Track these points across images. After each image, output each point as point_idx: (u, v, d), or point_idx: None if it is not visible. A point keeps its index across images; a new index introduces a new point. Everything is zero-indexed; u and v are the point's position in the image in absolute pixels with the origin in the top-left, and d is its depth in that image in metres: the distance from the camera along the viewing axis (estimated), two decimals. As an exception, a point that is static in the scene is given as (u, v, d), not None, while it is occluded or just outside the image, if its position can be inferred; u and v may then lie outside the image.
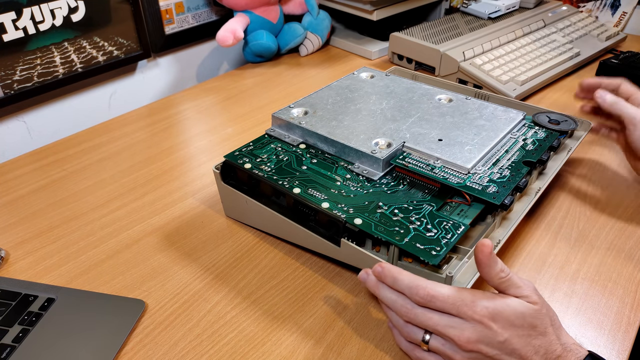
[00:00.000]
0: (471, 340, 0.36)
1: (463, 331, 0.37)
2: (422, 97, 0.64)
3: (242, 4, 0.92)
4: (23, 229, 0.58)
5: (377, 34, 1.05)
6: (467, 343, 0.36)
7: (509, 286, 0.38)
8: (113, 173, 0.68)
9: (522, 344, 0.36)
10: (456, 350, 0.38)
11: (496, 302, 0.37)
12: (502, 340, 0.36)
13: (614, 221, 0.58)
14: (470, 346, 0.36)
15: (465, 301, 0.37)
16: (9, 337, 0.44)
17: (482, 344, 0.36)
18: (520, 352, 0.36)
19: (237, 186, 0.55)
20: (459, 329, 0.37)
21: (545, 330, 0.37)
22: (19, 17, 0.71)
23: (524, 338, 0.37)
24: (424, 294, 0.38)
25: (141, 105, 0.88)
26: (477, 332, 0.37)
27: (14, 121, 0.78)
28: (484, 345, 0.36)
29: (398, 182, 0.52)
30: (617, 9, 1.08)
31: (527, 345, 0.36)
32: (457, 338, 0.37)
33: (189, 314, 0.48)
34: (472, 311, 0.37)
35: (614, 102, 0.58)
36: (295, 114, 0.59)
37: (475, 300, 0.37)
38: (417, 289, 0.38)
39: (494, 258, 0.38)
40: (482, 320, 0.36)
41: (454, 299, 0.37)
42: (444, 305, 0.38)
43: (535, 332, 0.37)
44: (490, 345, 0.36)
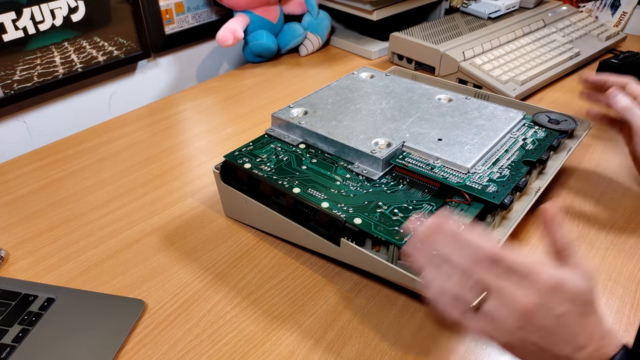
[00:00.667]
0: (533, 302, 0.33)
1: (527, 293, 0.33)
2: (422, 97, 0.64)
3: (242, 4, 0.92)
4: (23, 229, 0.58)
5: (377, 34, 1.05)
6: (528, 304, 0.33)
7: (567, 257, 0.35)
8: (113, 173, 0.68)
9: (575, 322, 0.34)
10: (509, 315, 0.34)
11: (563, 272, 0.34)
12: (558, 313, 0.33)
13: (614, 221, 0.58)
14: (530, 308, 0.33)
15: (534, 265, 0.34)
16: (9, 337, 0.44)
17: (541, 311, 0.33)
18: (572, 328, 0.34)
19: (237, 186, 0.55)
20: (523, 290, 0.34)
21: (595, 307, 0.35)
22: (19, 17, 0.71)
23: (579, 316, 0.34)
24: (492, 252, 0.35)
25: (141, 105, 0.88)
26: (540, 296, 0.33)
27: (14, 121, 0.78)
28: (541, 314, 0.33)
29: (398, 181, 0.52)
30: (617, 9, 1.08)
31: (580, 321, 0.34)
32: (519, 299, 0.33)
33: (188, 314, 0.48)
34: (539, 276, 0.34)
35: (628, 107, 0.56)
36: (295, 114, 0.59)
37: (543, 266, 0.34)
38: (485, 245, 0.35)
39: (557, 222, 0.36)
40: (548, 287, 0.33)
41: (523, 262, 0.34)
42: (512, 266, 0.34)
43: (591, 309, 0.34)
44: (546, 316, 0.33)
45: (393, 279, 0.45)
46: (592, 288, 0.35)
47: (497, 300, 0.34)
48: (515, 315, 0.34)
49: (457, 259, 0.36)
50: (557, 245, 0.36)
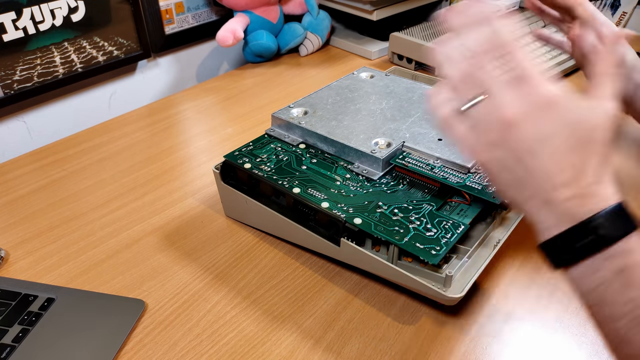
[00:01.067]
0: (517, 112, 0.30)
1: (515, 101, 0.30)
2: (422, 97, 0.64)
3: (242, 4, 0.92)
4: (23, 229, 0.58)
5: (377, 34, 1.05)
6: (512, 114, 0.29)
7: (597, 84, 0.31)
8: (113, 173, 0.68)
9: (561, 150, 0.29)
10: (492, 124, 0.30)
11: (569, 94, 0.30)
12: (543, 133, 0.29)
13: (614, 221, 0.58)
14: (512, 118, 0.30)
15: (539, 75, 0.30)
16: (9, 337, 0.44)
17: (524, 125, 0.30)
18: (555, 157, 0.29)
19: (237, 186, 0.55)
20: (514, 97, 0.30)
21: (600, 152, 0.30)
22: (19, 17, 0.71)
23: (568, 146, 0.29)
24: (506, 42, 0.31)
25: (141, 105, 0.88)
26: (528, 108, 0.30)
27: (14, 121, 0.78)
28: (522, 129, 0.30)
29: (398, 181, 0.52)
30: (617, 9, 1.08)
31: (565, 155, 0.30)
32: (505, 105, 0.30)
33: (188, 314, 0.48)
34: (537, 88, 0.30)
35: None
36: (295, 114, 0.59)
37: (548, 80, 0.30)
38: (504, 35, 0.32)
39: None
40: (542, 101, 0.30)
41: (529, 67, 0.30)
42: (517, 66, 0.30)
43: (590, 146, 0.29)
44: (527, 133, 0.29)
45: (393, 279, 0.45)
46: (602, 126, 0.29)
47: (486, 103, 0.31)
48: (497, 124, 0.30)
49: (473, 41, 0.32)
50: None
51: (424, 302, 0.48)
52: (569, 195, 0.29)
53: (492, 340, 0.45)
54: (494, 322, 0.46)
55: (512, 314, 0.47)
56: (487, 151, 0.31)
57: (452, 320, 0.47)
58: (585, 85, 0.32)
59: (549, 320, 0.47)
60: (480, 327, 0.46)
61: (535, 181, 0.30)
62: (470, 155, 0.32)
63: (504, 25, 0.32)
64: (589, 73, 0.43)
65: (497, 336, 0.45)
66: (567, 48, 0.62)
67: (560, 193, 0.29)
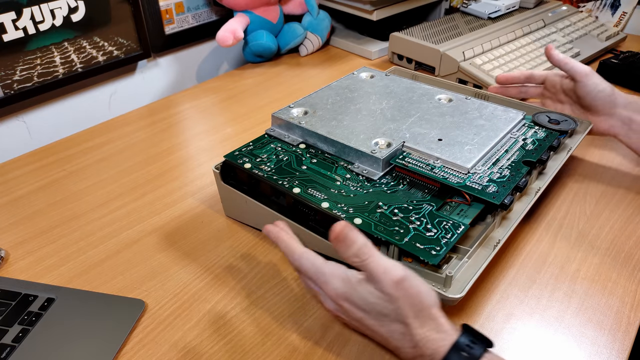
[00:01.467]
0: (331, 308, 0.42)
1: (325, 299, 0.42)
2: (422, 97, 0.64)
3: (242, 4, 0.92)
4: (23, 229, 0.58)
5: (377, 34, 1.05)
6: (330, 310, 0.42)
7: (365, 271, 0.39)
8: (113, 173, 0.68)
9: (376, 325, 0.39)
10: (333, 305, 0.42)
11: (345, 286, 0.40)
12: (355, 317, 0.40)
13: (614, 221, 0.58)
14: (334, 312, 0.42)
15: (321, 279, 0.41)
16: (9, 337, 0.44)
17: (341, 313, 0.41)
18: (377, 330, 0.39)
19: (237, 186, 0.55)
20: (322, 295, 0.42)
21: (403, 321, 0.37)
22: (19, 17, 0.71)
23: (376, 321, 0.39)
24: (294, 264, 0.43)
25: (141, 105, 0.88)
26: (333, 304, 0.41)
27: (14, 121, 0.78)
28: (344, 315, 0.41)
29: (398, 182, 0.52)
30: (617, 9, 1.08)
31: (381, 327, 0.39)
32: (322, 298, 0.42)
33: (189, 314, 0.48)
34: (326, 289, 0.41)
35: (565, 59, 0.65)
36: (295, 114, 0.59)
37: (327, 282, 0.40)
38: (291, 255, 0.43)
39: (348, 241, 0.38)
40: (334, 299, 0.40)
41: (313, 275, 0.41)
42: (308, 276, 0.42)
43: (388, 319, 0.38)
44: (348, 316, 0.41)
45: (393, 279, 0.45)
46: (385, 302, 0.38)
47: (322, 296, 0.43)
48: (334, 305, 0.41)
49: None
50: (350, 262, 0.40)
51: (424, 302, 0.48)
52: (407, 355, 0.38)
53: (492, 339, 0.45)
54: (494, 322, 0.46)
55: (512, 314, 0.47)
56: (348, 321, 0.42)
57: (452, 320, 0.46)
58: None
59: (549, 320, 0.47)
60: (480, 327, 0.46)
61: (384, 344, 0.41)
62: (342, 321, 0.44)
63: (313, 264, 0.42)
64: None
65: (497, 336, 0.45)
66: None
67: (400, 353, 0.39)
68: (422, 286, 0.38)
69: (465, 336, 0.37)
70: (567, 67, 0.65)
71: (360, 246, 0.38)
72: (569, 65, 0.64)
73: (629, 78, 0.87)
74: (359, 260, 0.38)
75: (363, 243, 0.38)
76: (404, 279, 0.37)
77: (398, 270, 0.37)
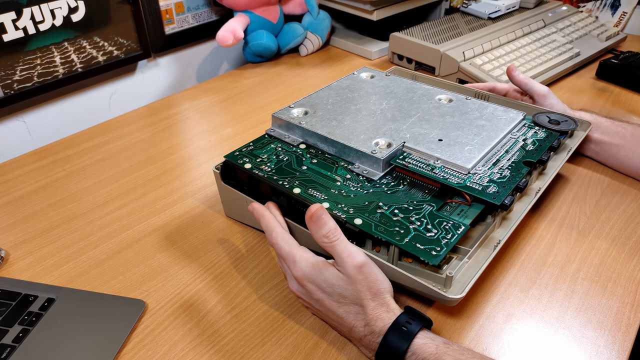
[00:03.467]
0: (294, 289, 0.46)
1: (290, 280, 0.46)
2: (422, 97, 0.64)
3: (242, 4, 0.92)
4: (23, 229, 0.58)
5: (377, 34, 1.05)
6: (293, 290, 0.46)
7: (331, 252, 0.43)
8: (113, 173, 0.68)
9: (334, 306, 0.43)
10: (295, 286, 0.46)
11: (311, 269, 0.43)
12: (316, 298, 0.44)
13: (614, 221, 0.58)
14: (296, 293, 0.46)
15: (291, 259, 0.44)
16: (9, 337, 0.44)
17: (302, 294, 0.45)
18: (334, 310, 0.43)
19: (237, 186, 0.55)
20: (289, 275, 0.46)
21: (359, 302, 0.41)
22: (19, 17, 0.71)
23: (335, 302, 0.43)
24: (270, 241, 0.46)
25: (141, 105, 0.88)
26: (296, 285, 0.45)
27: (14, 121, 0.78)
28: (305, 296, 0.45)
29: (398, 182, 0.52)
30: (617, 9, 1.08)
31: (339, 308, 0.42)
32: (289, 278, 0.47)
33: (189, 314, 0.48)
34: (293, 269, 0.44)
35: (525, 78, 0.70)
36: (295, 114, 0.59)
37: (296, 262, 0.44)
38: (269, 233, 0.47)
39: (320, 222, 0.43)
40: (299, 280, 0.44)
41: (285, 254, 0.45)
42: (280, 255, 0.46)
43: (346, 301, 0.42)
44: (309, 297, 0.44)
45: (393, 279, 0.45)
46: (346, 283, 0.42)
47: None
48: (297, 286, 0.45)
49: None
50: (319, 243, 0.44)
51: (424, 302, 0.48)
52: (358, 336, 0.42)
53: (492, 340, 0.45)
54: (494, 323, 0.46)
55: (512, 314, 0.47)
56: (307, 302, 0.46)
57: (452, 321, 0.47)
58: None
59: (549, 320, 0.47)
60: (480, 327, 0.46)
61: (339, 326, 0.44)
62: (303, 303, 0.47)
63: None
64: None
65: (497, 336, 0.45)
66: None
67: (353, 334, 0.43)
68: (379, 275, 0.42)
69: (404, 315, 0.41)
70: (526, 87, 0.70)
71: (331, 228, 0.43)
72: (529, 85, 0.69)
73: (629, 78, 0.87)
74: (328, 240, 0.42)
75: (333, 226, 0.43)
76: (365, 264, 0.42)
77: (360, 256, 0.42)
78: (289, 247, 0.45)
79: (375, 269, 0.42)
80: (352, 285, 0.41)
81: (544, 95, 0.68)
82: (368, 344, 0.41)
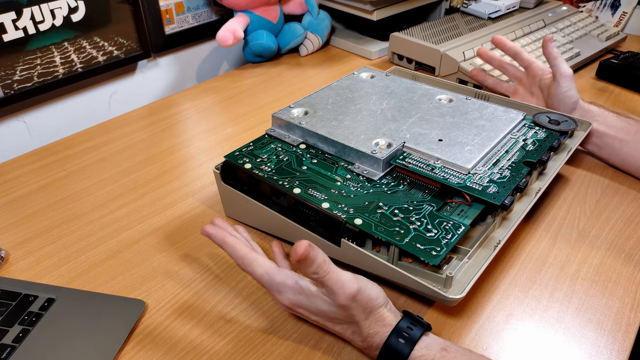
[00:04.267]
0: (285, 308, 0.44)
1: (280, 305, 0.44)
2: (422, 97, 0.64)
3: (242, 4, 0.92)
4: (23, 229, 0.58)
5: (377, 34, 1.05)
6: (285, 309, 0.45)
7: (323, 286, 0.41)
8: (113, 173, 0.68)
9: (329, 325, 0.43)
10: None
11: (299, 296, 0.42)
12: (312, 320, 0.43)
13: (614, 221, 0.58)
14: (289, 312, 0.46)
15: (274, 288, 0.43)
16: (9, 337, 0.44)
17: (297, 314, 0.44)
18: (331, 328, 0.43)
19: (237, 186, 0.55)
20: (279, 301, 0.44)
21: (354, 322, 0.41)
22: (19, 17, 0.71)
23: (330, 322, 0.42)
24: (246, 270, 0.44)
25: (141, 105, 0.87)
26: (289, 310, 0.44)
27: (14, 121, 0.78)
28: (300, 315, 0.44)
29: (398, 182, 0.52)
30: (617, 9, 1.08)
31: (335, 326, 0.42)
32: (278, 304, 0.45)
33: (189, 314, 0.48)
34: (280, 299, 0.43)
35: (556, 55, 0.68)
36: (295, 114, 0.59)
37: (280, 292, 0.43)
38: (241, 261, 0.44)
39: (307, 262, 0.39)
40: (289, 308, 0.43)
41: (267, 285, 0.43)
42: (261, 283, 0.44)
43: (340, 322, 0.42)
44: (304, 317, 0.44)
45: (393, 279, 0.45)
46: (339, 310, 0.41)
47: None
48: (289, 309, 0.44)
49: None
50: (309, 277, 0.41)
51: (424, 302, 0.48)
52: (360, 345, 0.42)
53: (492, 340, 0.45)
54: (494, 323, 0.46)
55: (512, 314, 0.47)
56: (307, 317, 0.44)
57: (453, 321, 0.47)
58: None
59: (549, 320, 0.47)
60: (481, 327, 0.46)
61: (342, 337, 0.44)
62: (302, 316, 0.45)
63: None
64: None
65: (497, 336, 0.45)
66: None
67: (355, 343, 0.43)
68: (373, 292, 0.41)
69: (404, 321, 0.40)
70: (554, 62, 0.68)
71: (320, 263, 0.40)
72: (557, 60, 0.67)
73: (629, 78, 0.87)
74: (317, 276, 0.40)
75: (322, 260, 0.40)
76: (358, 292, 0.40)
77: (352, 284, 0.40)
78: (268, 274, 0.43)
79: (368, 289, 0.41)
80: (346, 312, 0.40)
81: (567, 77, 0.67)
82: (368, 354, 0.42)
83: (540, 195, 0.54)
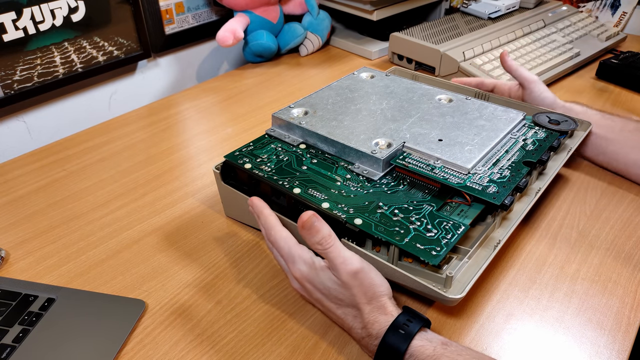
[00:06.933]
0: (295, 287, 0.46)
1: (291, 279, 0.46)
2: (422, 97, 0.64)
3: (242, 4, 0.92)
4: (23, 229, 0.58)
5: (377, 34, 1.05)
6: (295, 288, 0.46)
7: (326, 259, 0.43)
8: (113, 173, 0.68)
9: (332, 307, 0.43)
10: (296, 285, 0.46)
11: (309, 270, 0.44)
12: (315, 298, 0.44)
13: (614, 221, 0.58)
14: (298, 291, 0.47)
15: (290, 259, 0.45)
16: (9, 337, 0.44)
17: (303, 292, 0.46)
18: (333, 311, 0.44)
19: (237, 186, 0.55)
20: (290, 275, 0.46)
21: (356, 306, 0.42)
22: (19, 17, 0.71)
23: (333, 303, 0.43)
24: (270, 239, 0.46)
25: (141, 105, 0.88)
26: (297, 284, 0.45)
27: (14, 121, 0.78)
28: (306, 295, 0.45)
29: (398, 182, 0.52)
30: (617, 9, 1.08)
31: (337, 309, 0.43)
32: (290, 278, 0.47)
33: (189, 314, 0.48)
34: (292, 269, 0.45)
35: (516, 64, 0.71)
36: (295, 114, 0.59)
37: (295, 262, 0.44)
38: (269, 230, 0.46)
39: (313, 230, 0.42)
40: (298, 279, 0.45)
41: (284, 254, 0.45)
42: (280, 254, 0.46)
43: (343, 303, 0.42)
44: (309, 296, 0.45)
45: (393, 279, 0.45)
46: (341, 287, 0.42)
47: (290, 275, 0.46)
48: (298, 284, 0.46)
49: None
50: (313, 249, 0.43)
51: (424, 302, 0.49)
52: (357, 335, 0.43)
53: (492, 340, 0.45)
54: (494, 323, 0.47)
55: (512, 314, 0.47)
56: (309, 298, 0.46)
57: (453, 321, 0.47)
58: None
59: (549, 320, 0.47)
60: (480, 327, 0.46)
61: (340, 323, 0.44)
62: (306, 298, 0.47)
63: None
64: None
65: (497, 336, 0.45)
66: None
67: (353, 333, 0.43)
68: (377, 278, 0.42)
69: (403, 315, 0.41)
70: (516, 74, 0.70)
71: (324, 235, 0.42)
72: (519, 71, 0.70)
73: (629, 78, 0.87)
74: (321, 247, 0.42)
75: (327, 233, 0.42)
76: (360, 270, 0.41)
77: (355, 262, 0.42)
78: (287, 246, 0.45)
79: (372, 273, 0.42)
80: (347, 290, 0.41)
81: (533, 82, 0.68)
82: (367, 346, 0.42)
83: (540, 195, 0.54)
